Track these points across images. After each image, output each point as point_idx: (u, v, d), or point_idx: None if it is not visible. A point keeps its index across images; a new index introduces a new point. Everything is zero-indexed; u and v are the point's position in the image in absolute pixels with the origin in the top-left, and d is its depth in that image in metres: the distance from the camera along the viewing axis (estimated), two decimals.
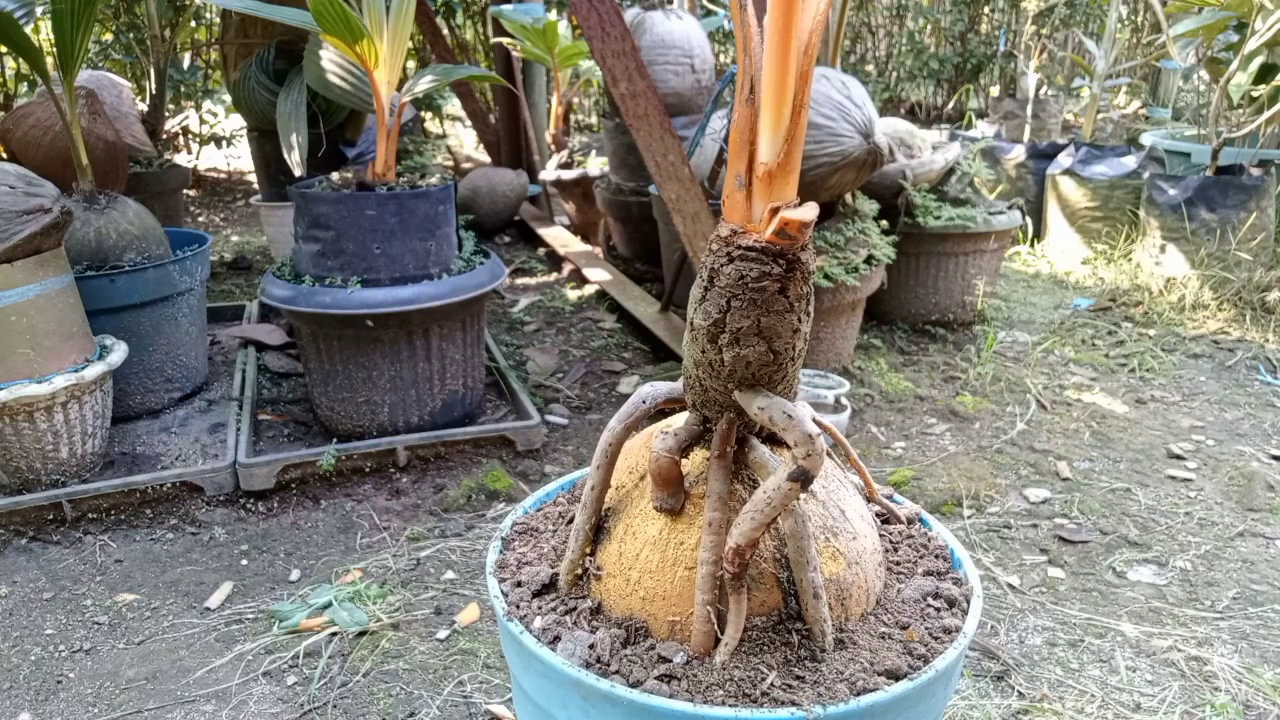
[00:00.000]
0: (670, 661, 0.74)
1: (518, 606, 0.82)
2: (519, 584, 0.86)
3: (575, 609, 0.82)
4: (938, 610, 0.84)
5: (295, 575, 1.71)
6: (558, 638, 0.77)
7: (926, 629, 0.81)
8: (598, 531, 0.85)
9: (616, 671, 0.74)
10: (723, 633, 0.74)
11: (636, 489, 0.85)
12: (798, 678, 0.73)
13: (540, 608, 0.82)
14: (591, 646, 0.75)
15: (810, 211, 0.64)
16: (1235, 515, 1.93)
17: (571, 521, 0.91)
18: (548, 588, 0.85)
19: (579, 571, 0.84)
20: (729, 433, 0.78)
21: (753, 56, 0.61)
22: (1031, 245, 4.14)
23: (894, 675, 0.73)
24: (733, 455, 0.78)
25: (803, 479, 0.68)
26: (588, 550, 0.84)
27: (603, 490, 0.84)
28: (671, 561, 0.78)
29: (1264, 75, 3.36)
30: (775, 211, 0.65)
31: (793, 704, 0.70)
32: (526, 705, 0.83)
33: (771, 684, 0.72)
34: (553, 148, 4.43)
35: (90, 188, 2.17)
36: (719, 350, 0.72)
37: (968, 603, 0.85)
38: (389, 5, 1.93)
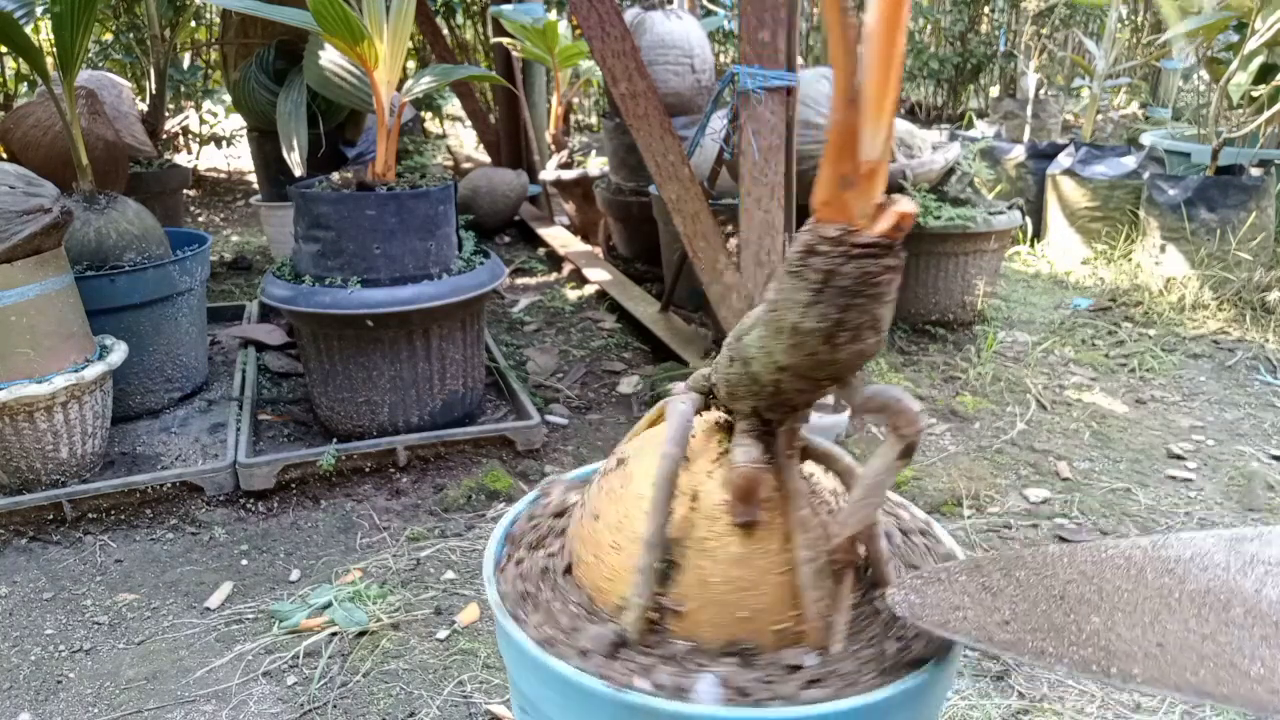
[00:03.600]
0: (804, 667, 0.72)
1: (608, 678, 0.72)
2: (584, 652, 0.74)
3: (673, 655, 0.74)
4: None
5: (295, 575, 1.72)
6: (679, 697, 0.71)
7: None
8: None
9: (771, 699, 0.69)
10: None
11: (691, 511, 0.80)
12: (905, 638, 0.75)
13: (626, 669, 0.73)
14: (725, 684, 0.71)
15: (911, 203, 0.67)
16: (1235, 515, 1.93)
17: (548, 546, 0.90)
18: (618, 644, 0.76)
19: (652, 617, 0.77)
20: (797, 430, 0.80)
21: (854, 57, 0.63)
22: (1031, 245, 4.14)
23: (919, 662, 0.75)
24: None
25: (910, 454, 0.71)
26: (658, 591, 0.78)
27: (664, 523, 0.78)
28: (764, 571, 0.76)
29: (1264, 75, 3.36)
30: (881, 207, 0.67)
31: (921, 661, 0.71)
32: None
33: (895, 649, 0.73)
34: (553, 148, 4.43)
35: (90, 188, 2.18)
36: (834, 349, 0.71)
37: None
38: (389, 5, 1.93)
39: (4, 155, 2.51)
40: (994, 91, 7.74)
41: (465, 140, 6.95)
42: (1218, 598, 0.48)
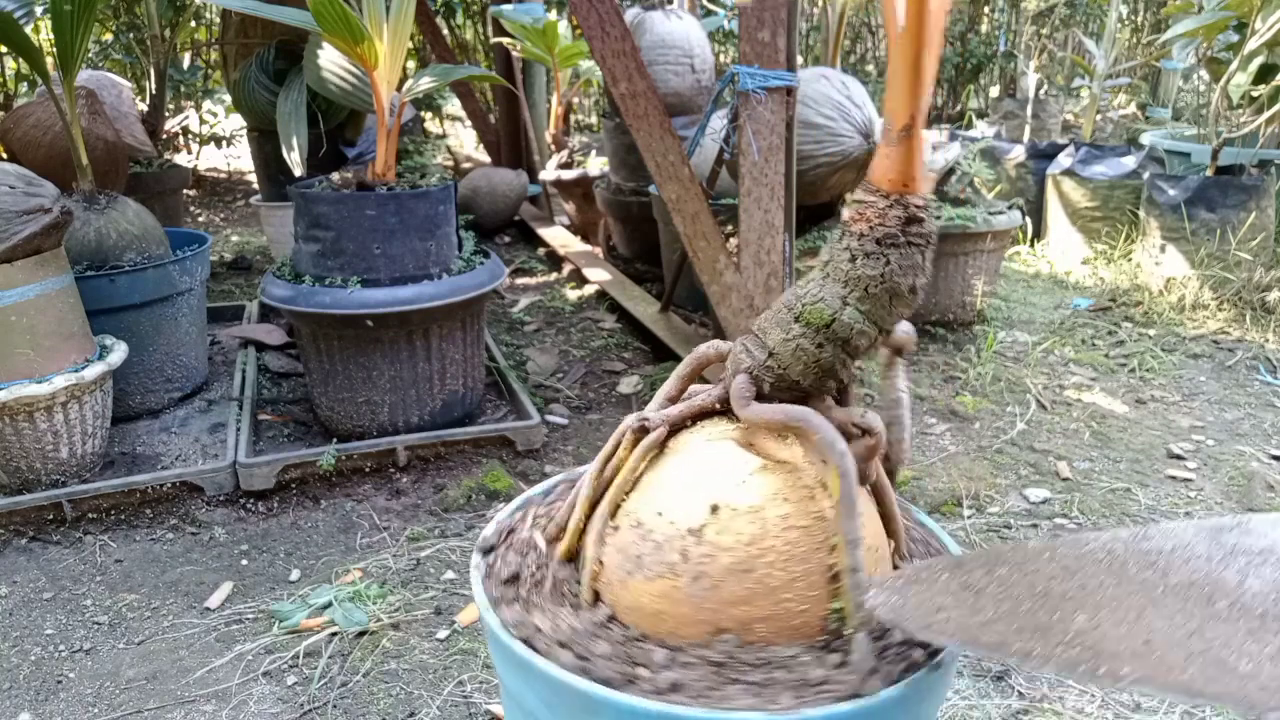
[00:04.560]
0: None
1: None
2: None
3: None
4: None
5: (295, 575, 1.72)
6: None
7: None
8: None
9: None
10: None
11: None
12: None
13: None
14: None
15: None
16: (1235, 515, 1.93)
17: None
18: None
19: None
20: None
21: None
22: (1031, 245, 4.14)
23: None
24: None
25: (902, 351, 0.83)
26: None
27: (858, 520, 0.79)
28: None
29: (1264, 75, 3.36)
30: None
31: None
32: None
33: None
34: (553, 148, 4.43)
35: (90, 188, 2.17)
36: (891, 311, 0.76)
37: None
38: (389, 5, 1.93)
39: (4, 155, 2.51)
40: (994, 91, 7.74)
41: (465, 140, 6.95)
42: (1201, 591, 0.47)
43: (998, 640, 0.52)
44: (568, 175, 4.16)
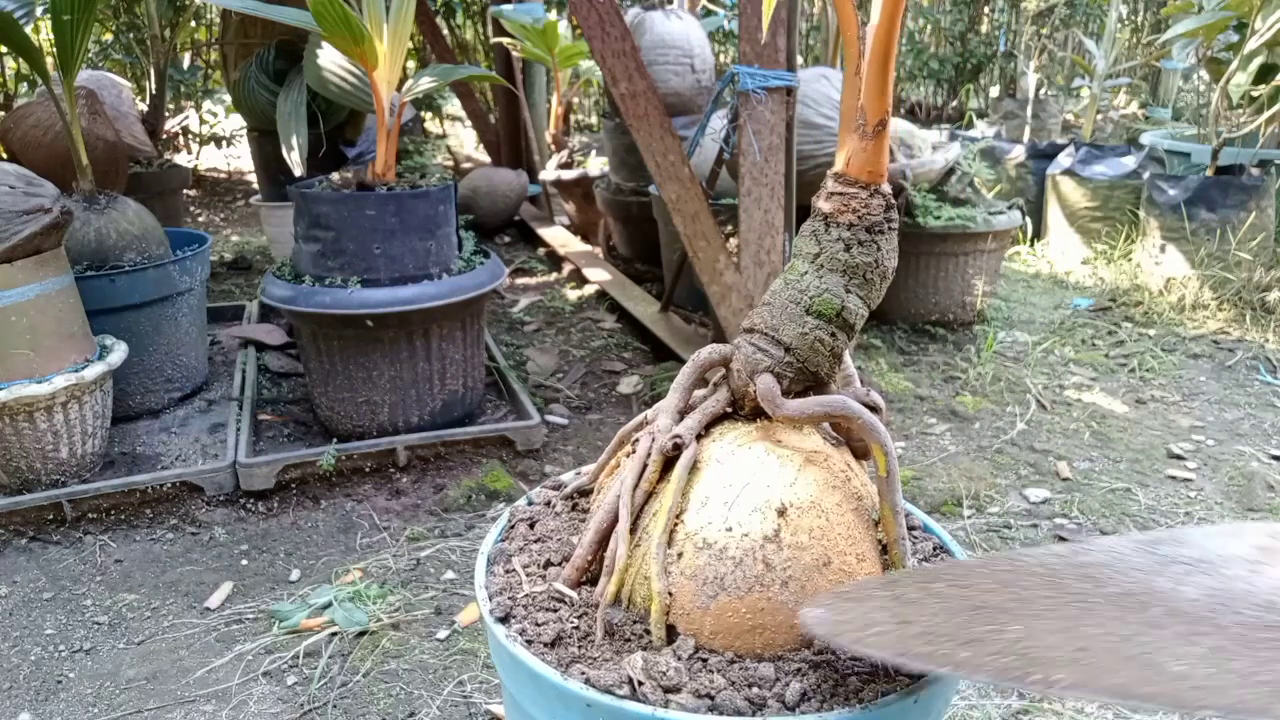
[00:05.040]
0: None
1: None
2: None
3: None
4: None
5: (295, 575, 1.72)
6: None
7: None
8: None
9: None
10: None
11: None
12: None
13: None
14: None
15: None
16: (1235, 515, 1.93)
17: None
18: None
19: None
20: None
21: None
22: (1031, 245, 4.14)
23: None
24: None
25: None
26: None
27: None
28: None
29: (1264, 75, 3.36)
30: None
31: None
32: None
33: None
34: (553, 148, 4.43)
35: (90, 188, 2.17)
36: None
37: None
38: (389, 5, 1.93)
39: (4, 155, 2.51)
40: (994, 91, 7.74)
41: (465, 140, 6.95)
42: (1137, 599, 0.48)
43: (930, 651, 0.52)
44: (568, 175, 4.16)
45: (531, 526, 0.91)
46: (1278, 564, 0.46)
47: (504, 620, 0.77)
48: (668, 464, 0.79)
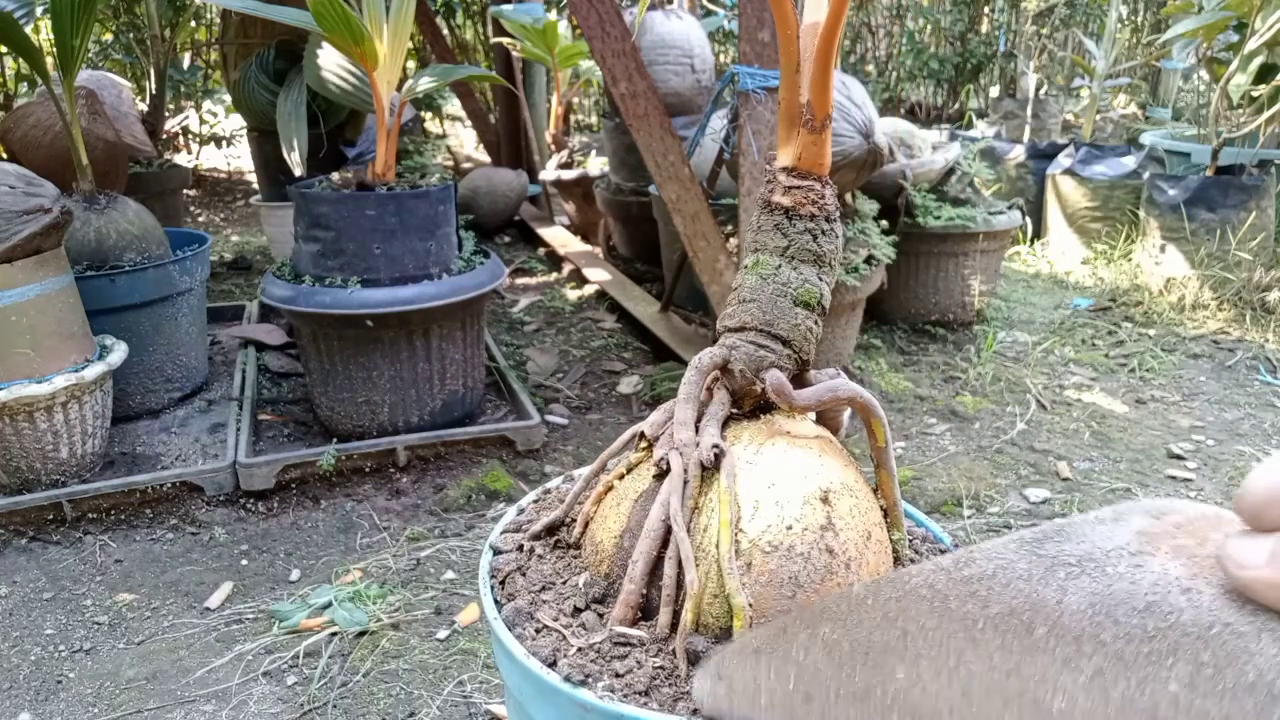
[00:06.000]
0: None
1: None
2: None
3: None
4: None
5: (295, 575, 1.72)
6: None
7: None
8: None
9: None
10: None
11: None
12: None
13: None
14: None
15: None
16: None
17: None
18: None
19: None
20: None
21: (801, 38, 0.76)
22: (1031, 245, 4.14)
23: None
24: None
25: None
26: None
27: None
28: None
29: (1264, 75, 3.36)
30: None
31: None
32: None
33: None
34: (553, 148, 4.43)
35: (90, 188, 2.17)
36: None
37: None
38: (389, 5, 1.93)
39: (4, 155, 2.51)
40: (994, 91, 7.74)
41: (465, 140, 6.95)
42: (1021, 619, 0.44)
43: (819, 714, 0.49)
44: (568, 175, 4.16)
45: (524, 575, 0.84)
46: (1160, 551, 0.42)
47: (584, 684, 0.69)
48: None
